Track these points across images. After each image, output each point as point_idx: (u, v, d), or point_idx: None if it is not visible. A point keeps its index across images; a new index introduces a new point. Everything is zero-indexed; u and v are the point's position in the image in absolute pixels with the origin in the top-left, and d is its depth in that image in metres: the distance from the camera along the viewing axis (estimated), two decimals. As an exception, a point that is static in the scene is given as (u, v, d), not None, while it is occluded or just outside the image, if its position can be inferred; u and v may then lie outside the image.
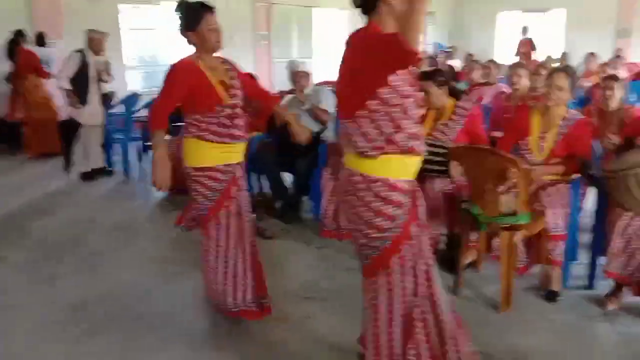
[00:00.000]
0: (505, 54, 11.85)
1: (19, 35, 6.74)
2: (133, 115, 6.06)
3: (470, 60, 7.73)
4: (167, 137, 5.55)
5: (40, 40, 7.05)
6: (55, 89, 5.90)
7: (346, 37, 1.91)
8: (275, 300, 2.89)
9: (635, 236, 2.73)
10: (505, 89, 4.72)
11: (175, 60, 2.48)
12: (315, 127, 4.33)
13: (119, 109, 6.17)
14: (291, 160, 4.34)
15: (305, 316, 2.82)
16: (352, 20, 12.80)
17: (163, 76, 2.45)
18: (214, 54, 2.50)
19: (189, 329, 2.72)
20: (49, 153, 6.50)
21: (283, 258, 3.61)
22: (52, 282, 3.27)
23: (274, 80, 10.03)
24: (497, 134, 3.73)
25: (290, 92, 4.59)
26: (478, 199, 2.89)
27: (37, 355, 2.51)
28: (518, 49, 11.34)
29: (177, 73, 2.40)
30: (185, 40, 2.46)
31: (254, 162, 4.51)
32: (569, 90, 3.08)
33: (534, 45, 11.21)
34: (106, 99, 5.92)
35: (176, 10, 2.42)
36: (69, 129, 5.68)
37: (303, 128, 2.78)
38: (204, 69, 2.43)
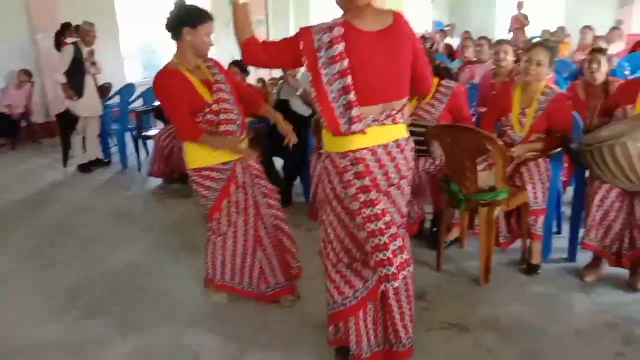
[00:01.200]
0: (504, 31, 11.75)
1: (65, 27, 6.74)
2: (129, 106, 6.13)
3: (465, 38, 7.68)
4: (161, 125, 5.67)
5: None
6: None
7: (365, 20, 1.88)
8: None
9: (611, 208, 2.77)
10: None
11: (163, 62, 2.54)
12: (306, 112, 4.37)
13: (116, 100, 6.25)
14: (281, 145, 4.38)
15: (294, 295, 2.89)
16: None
17: (154, 93, 2.54)
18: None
19: (185, 307, 2.83)
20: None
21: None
22: (53, 267, 3.41)
23: (272, 66, 10.05)
24: (483, 109, 3.75)
25: (281, 78, 4.60)
26: (457, 177, 2.93)
27: (39, 338, 2.61)
28: (511, 25, 11.29)
29: (165, 84, 2.44)
30: (172, 35, 2.46)
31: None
32: (548, 64, 3.09)
33: (527, 20, 11.15)
34: (103, 91, 5.99)
35: (178, 3, 2.45)
36: (67, 122, 5.76)
37: (288, 125, 2.77)
38: (185, 73, 2.46)
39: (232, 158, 2.55)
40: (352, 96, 1.83)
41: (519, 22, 11.18)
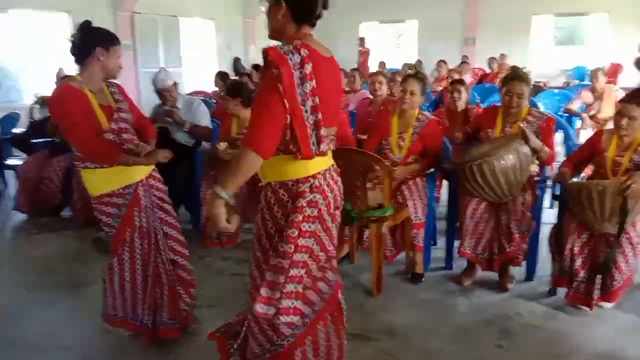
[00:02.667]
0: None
1: None
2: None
3: (336, 69, 8.15)
4: (24, 156, 5.20)
5: None
6: None
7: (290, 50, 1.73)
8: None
9: (481, 220, 3.15)
10: (368, 95, 5.09)
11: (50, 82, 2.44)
12: (190, 142, 4.32)
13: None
14: (166, 172, 4.27)
15: (194, 324, 2.84)
16: (219, 29, 12.86)
17: (53, 110, 2.43)
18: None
19: (72, 351, 2.63)
20: None
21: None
22: None
23: (141, 90, 9.77)
24: (363, 137, 4.03)
25: (167, 114, 4.37)
26: (349, 196, 3.12)
27: None
28: (359, 58, 12.43)
29: (67, 101, 2.32)
30: (80, 56, 2.37)
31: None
32: (421, 93, 3.44)
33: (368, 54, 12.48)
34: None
35: (85, 24, 2.39)
36: None
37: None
38: (87, 94, 2.37)
39: (133, 181, 2.47)
40: (319, 116, 1.76)
41: (363, 57, 12.43)
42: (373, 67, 11.88)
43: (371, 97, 4.66)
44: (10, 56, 8.68)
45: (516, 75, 3.29)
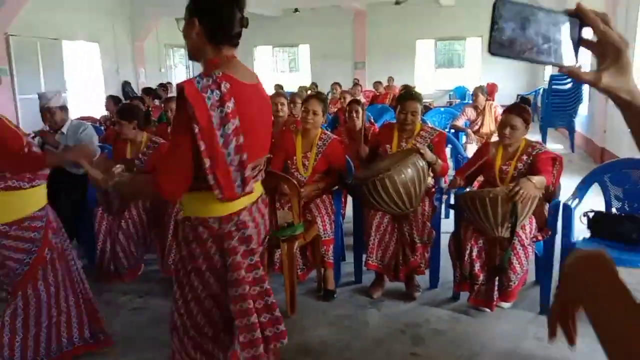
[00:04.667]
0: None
1: None
2: None
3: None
4: None
5: None
6: None
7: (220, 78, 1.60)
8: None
9: (386, 232, 3.26)
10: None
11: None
12: (78, 170, 4.04)
13: None
14: (54, 203, 3.95)
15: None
16: (106, 52, 12.29)
17: None
18: None
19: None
20: None
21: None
22: None
23: (21, 118, 9.05)
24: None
25: (47, 133, 4.04)
26: (257, 217, 3.09)
27: None
28: None
29: None
30: None
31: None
32: (322, 113, 3.52)
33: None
34: None
35: None
36: None
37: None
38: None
39: (45, 203, 2.43)
40: (245, 156, 1.62)
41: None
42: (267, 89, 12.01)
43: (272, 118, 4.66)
44: None
45: (410, 95, 3.49)
